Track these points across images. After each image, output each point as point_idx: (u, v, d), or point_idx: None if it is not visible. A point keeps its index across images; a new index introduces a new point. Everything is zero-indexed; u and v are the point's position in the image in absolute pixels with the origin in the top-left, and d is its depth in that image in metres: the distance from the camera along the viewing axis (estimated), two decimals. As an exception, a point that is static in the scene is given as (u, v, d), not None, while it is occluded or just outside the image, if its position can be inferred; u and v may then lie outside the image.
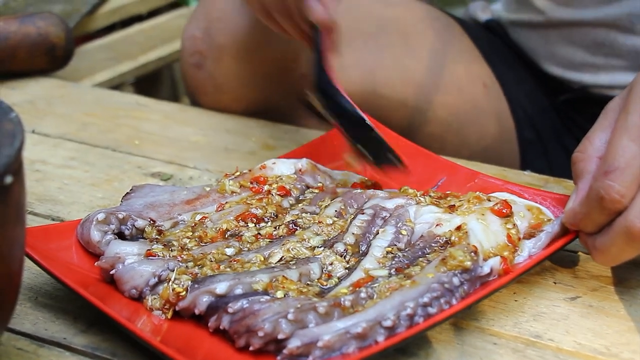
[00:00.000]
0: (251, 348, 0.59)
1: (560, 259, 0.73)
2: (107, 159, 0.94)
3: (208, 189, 0.77)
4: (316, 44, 0.79)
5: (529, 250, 0.68)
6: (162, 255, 0.67)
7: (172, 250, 0.67)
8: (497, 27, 1.20)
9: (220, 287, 0.62)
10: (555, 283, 0.70)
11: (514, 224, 0.69)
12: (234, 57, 1.03)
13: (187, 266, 0.65)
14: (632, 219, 0.62)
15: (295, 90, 1.07)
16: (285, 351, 0.57)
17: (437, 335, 0.63)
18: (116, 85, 1.35)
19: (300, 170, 0.79)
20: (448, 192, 0.75)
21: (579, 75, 1.09)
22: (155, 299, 0.64)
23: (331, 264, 0.67)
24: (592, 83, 1.08)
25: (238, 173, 0.79)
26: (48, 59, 1.17)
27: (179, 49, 1.13)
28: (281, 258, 0.67)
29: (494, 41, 1.18)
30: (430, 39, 1.10)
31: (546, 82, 1.14)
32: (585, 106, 1.10)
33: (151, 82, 1.59)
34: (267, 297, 0.61)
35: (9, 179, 0.48)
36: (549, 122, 1.15)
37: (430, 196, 0.74)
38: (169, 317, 0.63)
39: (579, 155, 0.68)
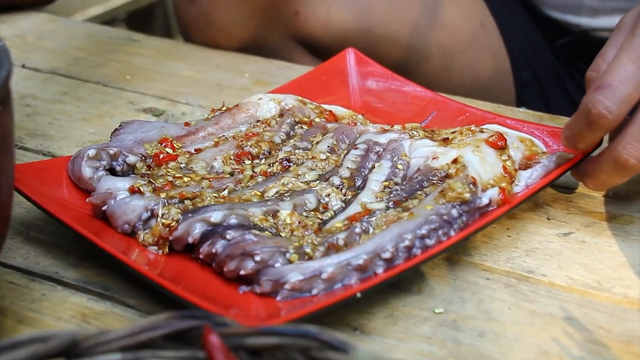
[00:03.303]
0: (242, 272, 0.57)
1: (554, 195, 0.72)
2: (98, 94, 0.93)
3: (197, 125, 0.76)
4: None
5: (525, 181, 0.68)
6: (149, 190, 0.65)
7: (163, 188, 0.66)
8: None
9: (215, 216, 0.61)
10: (548, 219, 0.70)
11: (509, 156, 0.69)
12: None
13: (179, 200, 0.64)
14: (620, 149, 0.62)
15: (288, 27, 1.06)
16: (287, 286, 0.57)
17: (430, 270, 0.63)
18: (108, 20, 1.33)
19: (285, 108, 0.78)
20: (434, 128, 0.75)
21: (577, 19, 1.08)
22: (147, 233, 0.63)
23: (328, 195, 0.66)
24: (591, 26, 1.07)
25: (225, 108, 0.78)
26: (38, -7, 1.15)
27: (171, -16, 1.11)
28: (277, 192, 0.66)
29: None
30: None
31: (545, 25, 1.13)
32: (585, 50, 1.09)
33: (144, 18, 1.57)
34: (265, 233, 0.60)
35: (-5, 108, 0.47)
36: (548, 65, 1.14)
37: (422, 130, 0.73)
38: (165, 252, 0.62)
39: (592, 74, 0.67)
